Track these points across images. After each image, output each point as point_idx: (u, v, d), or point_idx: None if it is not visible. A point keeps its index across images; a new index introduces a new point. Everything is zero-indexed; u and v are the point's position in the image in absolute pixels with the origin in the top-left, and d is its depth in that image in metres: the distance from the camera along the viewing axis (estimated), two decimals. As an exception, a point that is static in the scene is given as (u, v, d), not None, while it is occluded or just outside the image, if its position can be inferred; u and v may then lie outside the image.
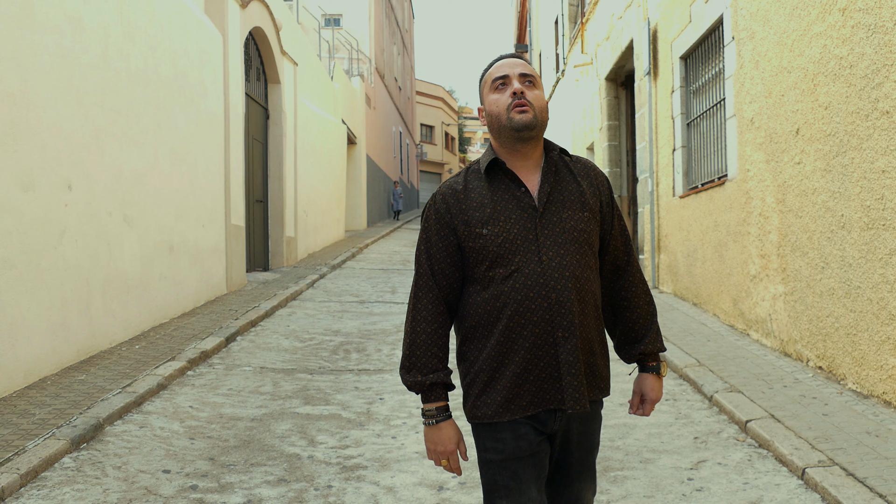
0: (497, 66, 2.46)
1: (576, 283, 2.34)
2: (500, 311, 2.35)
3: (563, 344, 2.32)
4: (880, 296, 5.19)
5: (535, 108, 2.36)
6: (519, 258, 2.33)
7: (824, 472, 4.16)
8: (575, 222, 2.38)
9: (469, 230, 2.37)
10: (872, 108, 5.20)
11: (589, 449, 2.48)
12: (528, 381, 2.33)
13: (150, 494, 4.32)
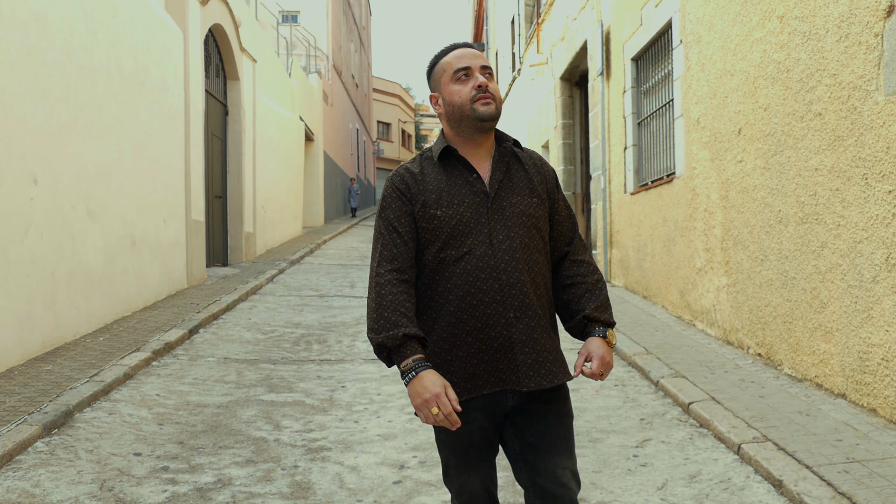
0: (457, 57, 2.50)
1: (526, 264, 2.41)
2: (451, 293, 2.41)
3: (515, 324, 2.38)
4: (813, 285, 5.54)
5: (496, 99, 2.45)
6: (471, 240, 2.40)
7: (758, 447, 4.48)
8: (524, 207, 2.46)
9: (424, 211, 2.44)
10: (807, 110, 5.54)
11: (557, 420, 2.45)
12: (484, 362, 2.39)
13: (124, 475, 4.51)
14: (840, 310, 5.20)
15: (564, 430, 2.45)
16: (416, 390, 2.23)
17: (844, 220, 5.10)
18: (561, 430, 2.44)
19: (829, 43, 5.23)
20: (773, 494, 4.04)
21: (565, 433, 2.45)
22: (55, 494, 4.19)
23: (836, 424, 4.76)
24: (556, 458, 2.40)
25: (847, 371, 5.15)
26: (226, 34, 13.87)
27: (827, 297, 5.36)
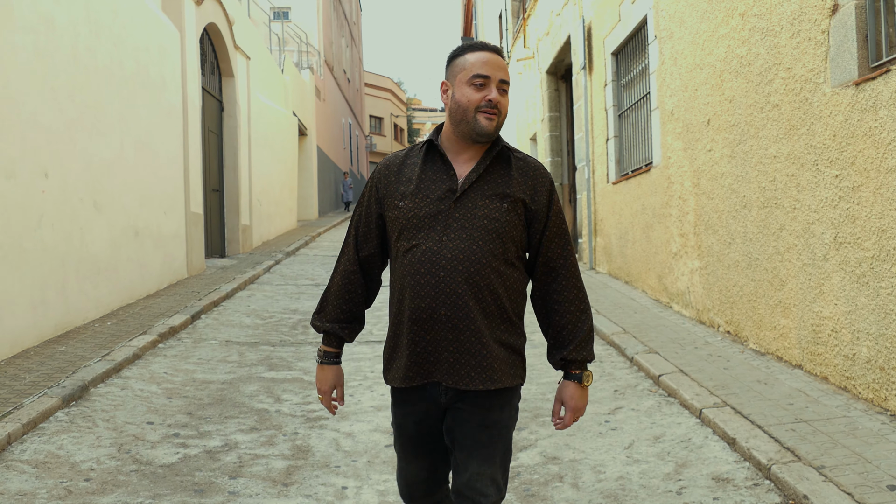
0: (482, 62, 2.46)
1: (471, 266, 2.41)
2: (400, 282, 2.51)
3: (445, 322, 2.43)
4: (773, 265, 5.98)
5: (501, 115, 2.46)
6: (422, 235, 2.45)
7: (717, 411, 4.92)
8: (489, 211, 2.44)
9: (391, 201, 2.53)
10: (766, 102, 5.98)
11: (482, 426, 2.47)
12: (416, 353, 2.47)
13: (139, 440, 4.94)
14: (796, 287, 5.64)
15: (489, 437, 2.46)
16: (318, 376, 2.69)
17: (799, 203, 5.54)
18: (484, 436, 2.46)
19: (783, 39, 5.66)
20: (728, 451, 4.48)
21: (489, 440, 2.46)
22: (78, 455, 4.62)
23: (790, 391, 5.20)
24: (475, 464, 2.45)
25: (803, 343, 5.60)
26: (220, 33, 14.26)
27: (785, 275, 5.81)
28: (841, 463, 3.94)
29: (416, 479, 2.64)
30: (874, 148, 4.60)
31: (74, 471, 4.43)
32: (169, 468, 4.52)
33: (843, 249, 4.98)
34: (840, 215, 5.00)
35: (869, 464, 3.90)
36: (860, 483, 3.69)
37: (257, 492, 4.18)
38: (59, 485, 4.22)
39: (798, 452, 4.12)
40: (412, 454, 2.61)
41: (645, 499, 3.95)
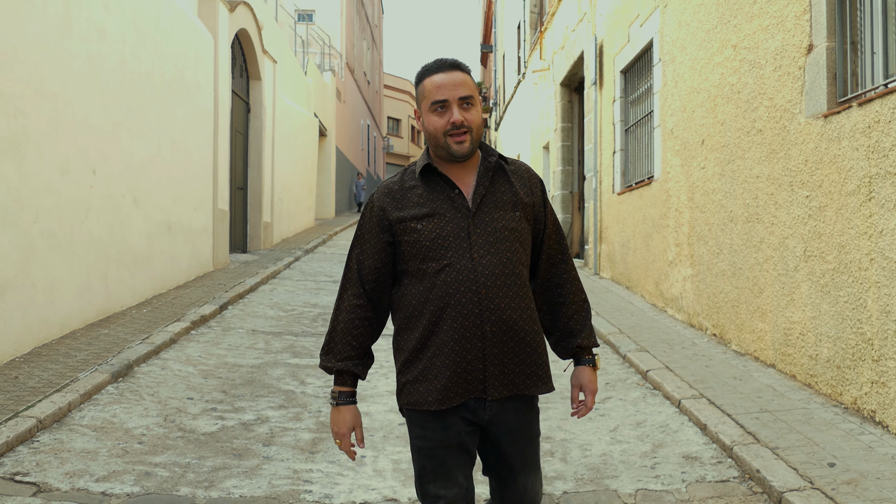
0: (437, 87, 2.49)
1: (506, 279, 2.47)
2: (432, 304, 2.48)
3: (490, 338, 2.46)
4: (754, 274, 6.60)
5: (473, 130, 2.49)
6: (451, 253, 2.46)
7: (694, 402, 5.54)
8: (506, 222, 2.51)
9: (404, 225, 2.51)
10: (751, 127, 6.59)
11: (527, 439, 2.57)
12: (457, 373, 2.47)
13: (181, 412, 5.60)
14: (772, 294, 6.26)
15: (533, 449, 2.59)
16: (333, 419, 2.58)
17: (777, 219, 6.15)
18: (530, 449, 2.58)
19: (767, 71, 6.28)
20: (699, 435, 5.11)
21: (533, 452, 2.60)
22: (130, 423, 5.29)
23: (761, 386, 5.82)
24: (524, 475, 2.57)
25: (776, 345, 6.21)
26: (250, 38, 14.94)
27: (763, 283, 6.42)
28: (793, 445, 4.56)
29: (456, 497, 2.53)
30: (837, 173, 5.22)
31: (128, 435, 5.09)
32: (210, 436, 5.18)
33: (811, 262, 5.60)
34: (809, 231, 5.62)
35: (816, 446, 4.52)
36: (806, 461, 4.31)
37: (288, 457, 4.83)
38: (117, 446, 4.88)
39: (758, 436, 4.74)
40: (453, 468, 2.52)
41: (623, 471, 4.58)
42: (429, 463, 2.52)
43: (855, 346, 5.05)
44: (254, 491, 4.31)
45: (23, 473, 4.35)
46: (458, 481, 2.51)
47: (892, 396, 4.64)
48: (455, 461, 2.51)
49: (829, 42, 5.42)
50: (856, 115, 5.01)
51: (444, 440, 2.50)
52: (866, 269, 4.90)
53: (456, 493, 2.51)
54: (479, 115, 2.52)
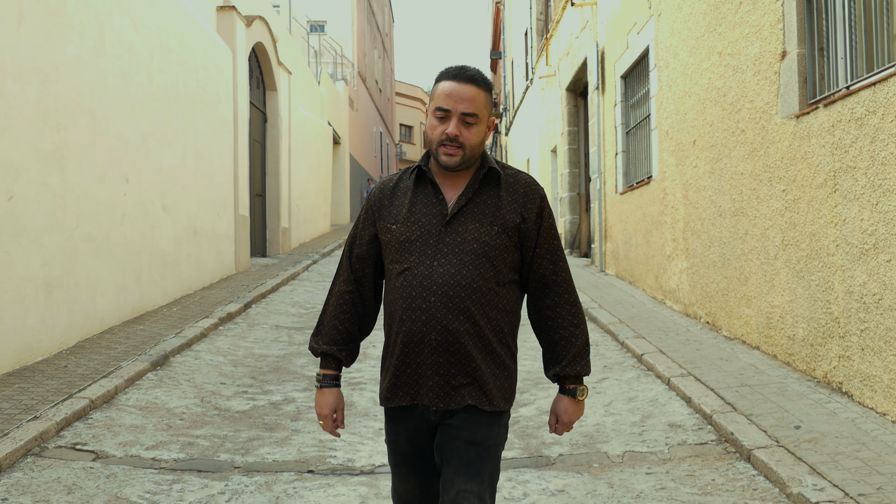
0: (445, 94, 2.46)
1: (461, 291, 2.44)
2: (394, 304, 2.53)
3: (434, 346, 2.45)
4: (740, 264, 7.12)
5: (467, 147, 2.46)
6: (413, 258, 2.48)
7: (682, 379, 6.07)
8: (479, 234, 2.47)
9: (384, 224, 2.56)
10: (735, 127, 7.12)
11: (468, 442, 2.47)
12: (405, 374, 2.51)
13: (216, 395, 6.17)
14: (756, 282, 6.78)
15: (475, 453, 2.46)
16: (317, 401, 2.64)
17: (759, 212, 6.68)
18: (471, 453, 2.46)
19: (748, 76, 6.81)
20: (684, 407, 5.64)
21: (476, 457, 2.46)
22: (171, 403, 5.87)
23: (745, 365, 6.35)
24: (461, 480, 2.44)
25: (760, 328, 6.73)
26: (265, 50, 15.56)
27: (748, 272, 6.94)
28: (766, 412, 5.09)
29: (410, 496, 2.65)
30: (808, 169, 5.74)
31: (170, 413, 5.67)
32: (243, 413, 5.75)
33: (788, 250, 6.12)
34: (786, 222, 6.14)
35: (787, 413, 5.05)
36: (775, 424, 4.84)
37: (313, 430, 5.39)
38: (161, 422, 5.46)
39: (736, 406, 5.27)
40: (406, 471, 2.62)
41: (613, 437, 5.12)
42: (390, 454, 2.64)
43: (825, 325, 5.57)
44: (285, 456, 4.87)
45: (82, 444, 4.93)
46: (411, 478, 2.61)
47: (856, 369, 5.16)
48: (406, 459, 2.59)
49: (799, 49, 5.95)
50: (822, 116, 5.53)
51: (397, 437, 2.59)
52: (833, 254, 5.42)
53: (409, 488, 2.62)
54: (479, 134, 2.49)
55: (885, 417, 4.81)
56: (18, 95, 6.35)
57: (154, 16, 9.37)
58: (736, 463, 4.55)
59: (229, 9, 13.02)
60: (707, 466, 4.55)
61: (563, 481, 4.43)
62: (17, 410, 5.26)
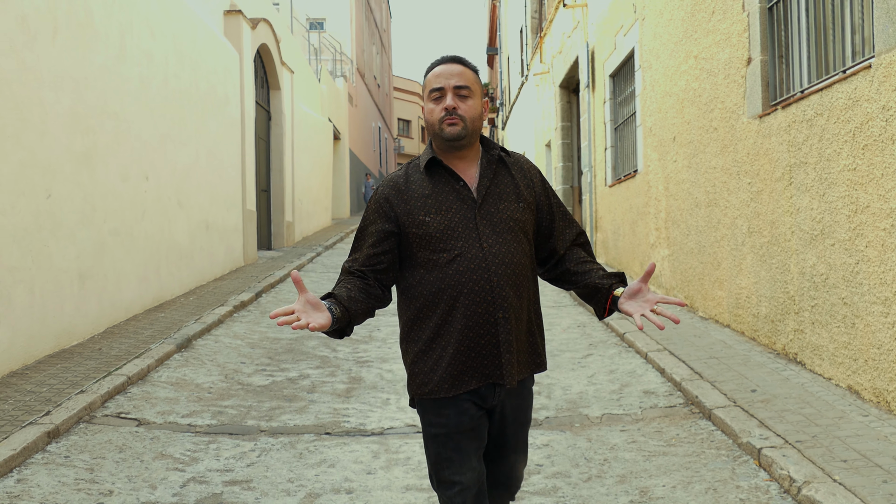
0: (435, 76, 2.58)
1: (514, 268, 2.56)
2: (446, 293, 2.55)
3: (503, 324, 2.54)
4: (714, 251, 7.78)
5: (467, 119, 2.55)
6: (461, 244, 2.54)
7: (658, 353, 6.73)
8: (511, 212, 2.60)
9: (412, 218, 2.58)
10: (709, 125, 7.78)
11: (523, 423, 2.72)
12: (471, 358, 2.56)
13: (237, 372, 6.84)
14: (727, 266, 7.44)
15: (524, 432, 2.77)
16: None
17: (729, 203, 7.33)
18: (522, 432, 2.76)
19: (720, 79, 7.46)
20: (658, 377, 6.30)
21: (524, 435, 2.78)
22: (198, 379, 6.53)
23: (715, 341, 7.01)
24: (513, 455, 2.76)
25: (730, 308, 7.40)
26: (269, 51, 16.18)
27: (720, 258, 7.60)
28: (728, 379, 5.76)
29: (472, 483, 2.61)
30: (769, 163, 6.40)
31: (199, 388, 6.33)
32: (263, 387, 6.41)
33: (753, 237, 6.78)
34: (751, 212, 6.80)
35: (746, 379, 5.71)
36: (735, 389, 5.50)
37: (328, 400, 6.05)
38: (192, 395, 6.12)
39: (703, 375, 5.94)
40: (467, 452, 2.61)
41: (594, 403, 5.79)
42: (444, 449, 2.60)
43: (783, 303, 6.24)
44: (304, 422, 5.54)
45: (125, 413, 5.59)
46: (473, 465, 2.60)
47: (807, 340, 5.83)
48: (469, 446, 2.60)
49: (762, 56, 6.61)
50: (780, 116, 6.19)
51: (460, 425, 2.58)
52: (789, 240, 6.08)
53: (471, 477, 2.60)
54: (475, 107, 2.60)
55: (830, 382, 5.48)
56: (54, 103, 6.99)
57: (169, 23, 10.00)
58: (698, 421, 5.22)
59: (236, 13, 13.65)
60: (674, 424, 5.22)
61: (548, 437, 5.10)
62: (65, 385, 5.92)
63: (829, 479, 3.89)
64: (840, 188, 5.27)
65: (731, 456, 4.59)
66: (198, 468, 4.68)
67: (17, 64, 6.40)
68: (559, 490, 4.29)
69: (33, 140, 6.61)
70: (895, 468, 3.98)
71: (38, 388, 5.80)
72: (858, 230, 5.06)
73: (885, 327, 4.80)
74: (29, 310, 6.53)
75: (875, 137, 4.81)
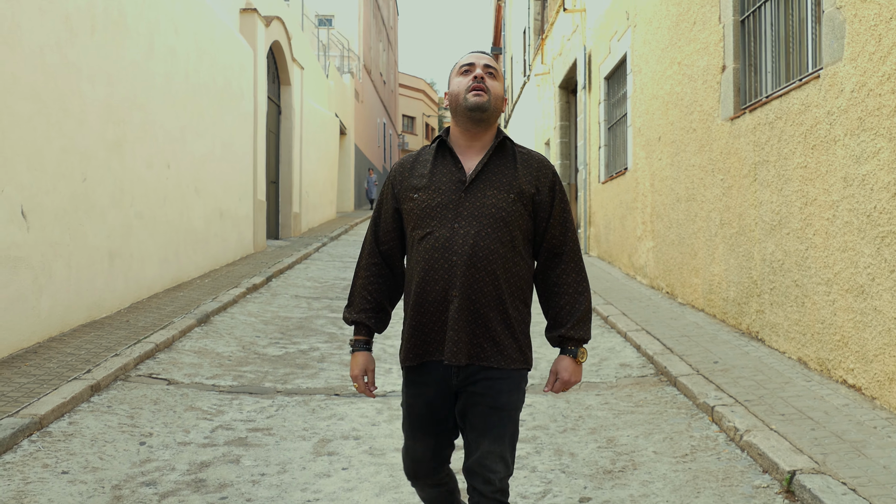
0: (466, 56, 2.74)
1: (484, 253, 2.60)
2: (416, 269, 2.68)
3: (453, 302, 2.61)
4: (691, 242, 8.45)
5: (492, 94, 2.65)
6: (435, 223, 2.64)
7: (636, 333, 7.40)
8: (497, 200, 2.62)
9: (405, 194, 2.72)
10: (689, 127, 8.45)
11: (494, 409, 2.65)
12: (425, 333, 2.67)
13: (253, 344, 7.52)
14: (702, 256, 8.11)
15: (499, 419, 2.65)
16: (351, 363, 2.84)
17: (705, 198, 8.01)
18: (495, 418, 2.65)
19: (699, 84, 8.13)
20: (635, 353, 6.98)
21: (499, 422, 2.65)
22: (218, 349, 7.21)
23: (689, 323, 7.69)
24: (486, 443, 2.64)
25: (704, 294, 8.07)
26: (281, 48, 16.86)
27: (697, 248, 8.28)
28: (695, 353, 6.44)
29: (423, 458, 2.80)
30: (738, 161, 7.07)
31: (220, 356, 7.02)
32: (278, 357, 7.10)
33: (724, 228, 7.46)
34: (723, 206, 7.47)
35: (711, 353, 6.39)
36: (700, 361, 6.18)
37: (336, 369, 6.73)
38: (213, 361, 6.81)
39: (674, 350, 6.61)
40: (420, 433, 2.77)
41: (574, 373, 6.46)
42: (406, 417, 2.80)
43: (747, 287, 6.91)
44: (315, 385, 6.22)
45: (155, 374, 6.28)
46: (426, 439, 2.76)
47: (767, 320, 6.51)
48: (423, 420, 2.74)
49: (735, 63, 7.27)
50: (748, 119, 6.86)
51: (416, 400, 2.74)
52: (753, 230, 6.76)
53: (423, 448, 2.78)
54: (499, 88, 2.73)
55: (784, 355, 6.16)
56: (91, 95, 7.67)
57: (191, 21, 10.68)
58: (665, 387, 5.90)
59: (251, 11, 14.33)
60: (643, 390, 5.90)
61: (531, 399, 5.78)
62: (100, 349, 6.61)
63: (766, 427, 4.57)
64: (794, 183, 5.95)
65: (689, 414, 5.27)
66: (224, 418, 5.37)
67: (61, 59, 7.08)
68: (538, 438, 4.97)
69: (73, 128, 7.29)
70: (823, 420, 4.66)
71: (77, 351, 6.49)
72: (808, 220, 5.74)
73: (826, 304, 5.48)
74: (66, 282, 7.21)
75: (821, 139, 5.49)
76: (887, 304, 4.74)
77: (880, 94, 4.76)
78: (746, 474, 4.23)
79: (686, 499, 3.99)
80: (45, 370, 5.88)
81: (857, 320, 5.09)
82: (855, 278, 5.11)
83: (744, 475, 4.22)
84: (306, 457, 4.69)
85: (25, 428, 4.71)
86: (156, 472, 4.38)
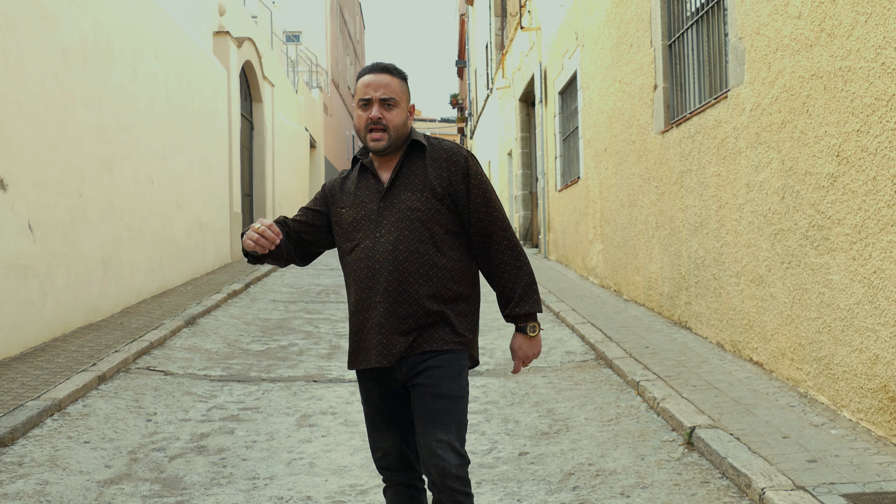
0: (364, 85, 2.73)
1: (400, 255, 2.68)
2: (348, 278, 2.80)
3: (377, 307, 2.68)
4: (633, 244, 9.35)
5: (391, 129, 2.70)
6: (361, 234, 2.73)
7: (582, 325, 8.27)
8: (412, 202, 2.70)
9: (335, 210, 2.84)
10: (629, 139, 9.35)
11: (438, 396, 2.69)
12: (359, 339, 2.78)
13: (238, 342, 8.31)
14: (642, 256, 9.00)
15: (442, 406, 2.69)
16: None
17: (643, 203, 8.90)
18: (438, 405, 2.69)
19: (636, 101, 9.03)
20: (580, 343, 7.85)
21: (442, 409, 2.68)
22: (206, 346, 8.00)
23: (630, 316, 8.57)
24: (432, 431, 2.67)
25: (644, 290, 8.96)
26: (253, 67, 17.63)
27: (638, 249, 9.17)
28: (630, 341, 7.31)
29: (391, 449, 2.86)
30: (668, 170, 7.97)
31: (208, 352, 7.80)
32: (261, 352, 7.89)
33: (659, 230, 8.35)
34: (658, 210, 8.37)
35: (644, 340, 7.27)
36: (634, 346, 7.06)
37: (314, 361, 7.54)
38: (203, 356, 7.59)
39: (612, 338, 7.48)
40: (382, 424, 2.84)
41: (525, 360, 7.31)
42: (367, 414, 2.88)
43: (678, 282, 7.81)
44: (296, 374, 7.03)
45: (153, 367, 7.05)
46: (389, 430, 2.85)
47: (693, 310, 7.40)
48: (380, 417, 2.83)
49: (664, 83, 8.18)
50: (676, 132, 7.77)
51: (370, 395, 2.84)
52: (681, 231, 7.66)
53: (389, 444, 2.86)
54: (400, 116, 2.74)
55: (706, 340, 7.06)
56: (84, 118, 8.43)
57: (170, 47, 11.45)
58: (602, 369, 6.77)
59: (224, 34, 15.11)
60: (583, 372, 6.77)
61: (485, 381, 6.62)
62: (101, 347, 7.37)
63: (679, 396, 5.45)
64: (711, 189, 6.85)
65: (619, 389, 6.14)
66: (217, 401, 6.16)
67: (58, 87, 7.85)
68: (488, 410, 5.82)
69: (69, 149, 8.05)
70: (727, 389, 5.55)
71: (81, 349, 7.25)
72: (722, 221, 6.64)
73: (736, 294, 6.37)
74: (67, 288, 7.96)
75: (730, 150, 6.39)
76: (780, 290, 5.63)
77: (770, 112, 5.67)
78: (658, 432, 5.10)
79: (606, 451, 4.85)
80: (56, 364, 6.64)
81: (758, 306, 5.99)
82: (756, 270, 6.00)
83: (656, 433, 5.09)
84: (291, 428, 5.50)
85: (48, 409, 5.48)
86: (163, 441, 5.18)
